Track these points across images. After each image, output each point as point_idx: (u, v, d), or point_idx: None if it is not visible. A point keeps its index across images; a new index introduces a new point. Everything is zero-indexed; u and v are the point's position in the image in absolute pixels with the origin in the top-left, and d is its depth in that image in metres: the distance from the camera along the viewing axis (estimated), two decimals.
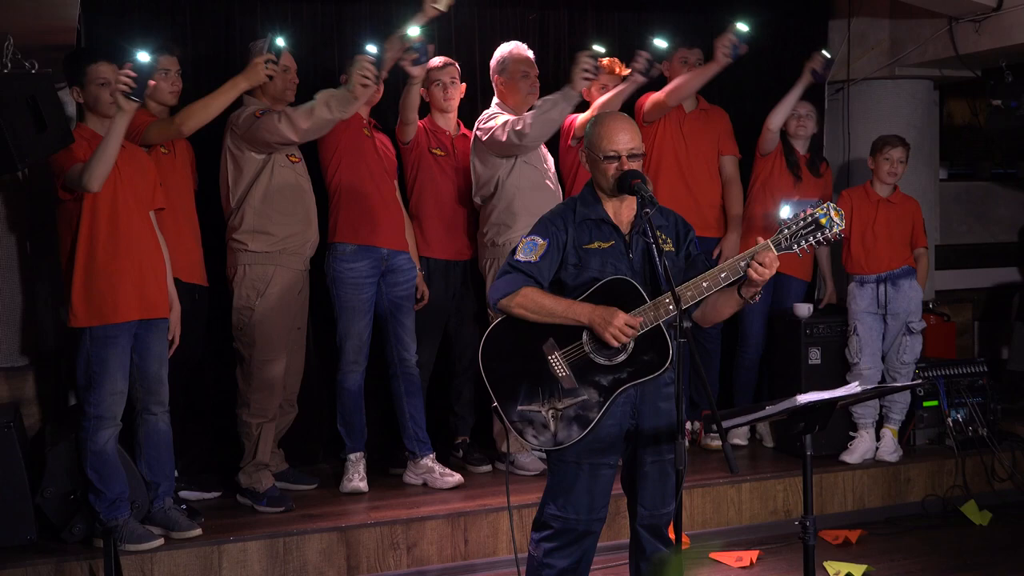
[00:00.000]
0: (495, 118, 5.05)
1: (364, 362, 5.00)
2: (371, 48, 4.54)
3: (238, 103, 4.69)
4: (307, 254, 4.87)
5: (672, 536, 3.41)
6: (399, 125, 5.11)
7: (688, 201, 5.48)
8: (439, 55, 5.30)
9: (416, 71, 4.78)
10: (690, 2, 6.16)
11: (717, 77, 6.09)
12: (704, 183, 5.70)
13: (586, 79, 4.80)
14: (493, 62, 5.23)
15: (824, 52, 5.55)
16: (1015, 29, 5.51)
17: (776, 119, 5.63)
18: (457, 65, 5.24)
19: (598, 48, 4.83)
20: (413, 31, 4.64)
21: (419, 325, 5.12)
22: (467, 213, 5.33)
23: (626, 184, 3.30)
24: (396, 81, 5.07)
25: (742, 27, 5.12)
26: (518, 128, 4.91)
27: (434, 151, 5.20)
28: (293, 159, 4.81)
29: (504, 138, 4.94)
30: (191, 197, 4.86)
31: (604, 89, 5.29)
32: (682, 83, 5.40)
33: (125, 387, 4.23)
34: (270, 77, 4.51)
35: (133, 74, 3.92)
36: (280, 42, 4.53)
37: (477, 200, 5.22)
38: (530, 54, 5.22)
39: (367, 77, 4.51)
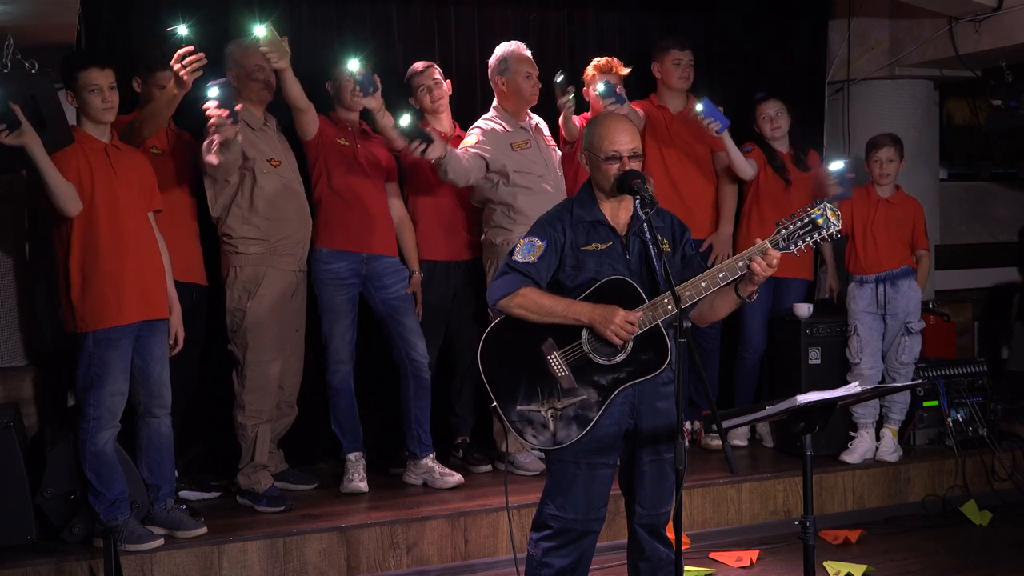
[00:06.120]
0: (468, 136, 5.07)
1: (351, 361, 5.01)
2: (212, 91, 4.30)
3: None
4: (301, 255, 4.86)
5: (671, 536, 3.41)
6: (385, 142, 5.05)
7: (677, 203, 5.45)
8: (430, 57, 5.30)
9: (370, 103, 4.70)
10: (689, 2, 6.15)
11: (716, 78, 6.11)
12: (694, 184, 5.68)
13: None
14: (493, 61, 5.19)
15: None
16: (1015, 29, 5.50)
17: (741, 168, 5.57)
18: (436, 65, 5.22)
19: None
20: (353, 65, 4.59)
21: (421, 326, 5.12)
22: (466, 214, 5.31)
23: (626, 184, 3.30)
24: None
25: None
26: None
27: None
28: (274, 163, 4.76)
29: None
30: (188, 194, 4.84)
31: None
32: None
33: (126, 388, 4.23)
34: (203, 71, 4.21)
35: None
36: (182, 30, 4.26)
37: (475, 203, 5.22)
38: (529, 53, 5.21)
39: (215, 124, 4.34)
